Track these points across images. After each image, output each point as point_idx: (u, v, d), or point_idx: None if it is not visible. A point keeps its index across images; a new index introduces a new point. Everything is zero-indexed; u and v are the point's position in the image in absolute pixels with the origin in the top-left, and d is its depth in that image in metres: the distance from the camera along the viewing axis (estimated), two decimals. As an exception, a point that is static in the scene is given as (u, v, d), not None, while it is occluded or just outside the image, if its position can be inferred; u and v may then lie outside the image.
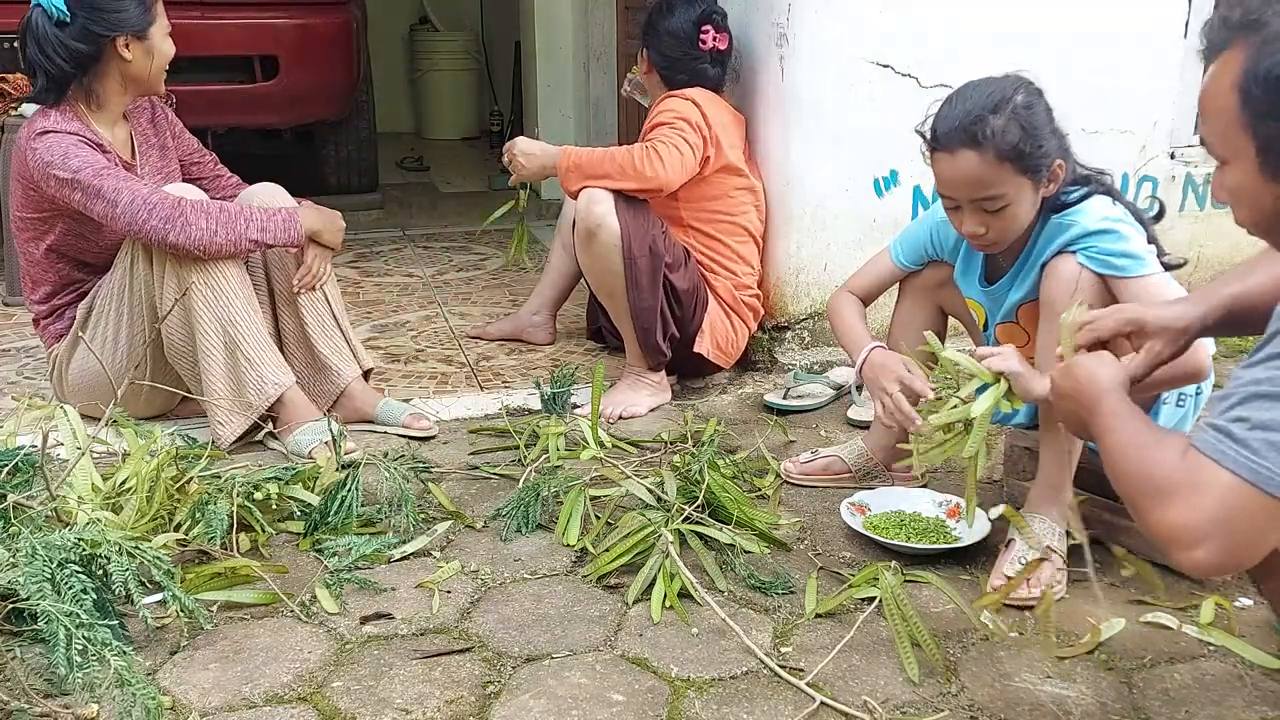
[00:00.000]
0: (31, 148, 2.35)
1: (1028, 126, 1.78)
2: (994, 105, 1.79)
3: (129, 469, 2.00)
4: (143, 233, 2.30)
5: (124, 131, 2.54)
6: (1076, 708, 1.57)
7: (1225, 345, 2.98)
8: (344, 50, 4.33)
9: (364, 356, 2.66)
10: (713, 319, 2.78)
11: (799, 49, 2.83)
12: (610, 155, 2.63)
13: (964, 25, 2.88)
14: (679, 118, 2.67)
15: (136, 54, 2.40)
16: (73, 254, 2.51)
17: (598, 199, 2.59)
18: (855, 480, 2.28)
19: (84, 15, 2.34)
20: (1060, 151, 1.84)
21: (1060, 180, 1.85)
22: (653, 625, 1.77)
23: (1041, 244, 1.90)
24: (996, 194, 1.80)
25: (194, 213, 2.30)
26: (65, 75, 2.38)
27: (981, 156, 1.78)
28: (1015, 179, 1.80)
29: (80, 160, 2.32)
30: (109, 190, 2.30)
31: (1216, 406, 1.18)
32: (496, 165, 6.29)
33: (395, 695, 1.60)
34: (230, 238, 2.33)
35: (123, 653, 1.49)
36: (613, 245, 2.59)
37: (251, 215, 2.37)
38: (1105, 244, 1.81)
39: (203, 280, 2.34)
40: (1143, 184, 3.20)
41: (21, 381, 2.90)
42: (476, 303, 3.66)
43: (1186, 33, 3.12)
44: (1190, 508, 1.14)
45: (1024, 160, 1.79)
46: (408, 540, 2.02)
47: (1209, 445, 1.15)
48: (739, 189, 2.80)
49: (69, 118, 2.39)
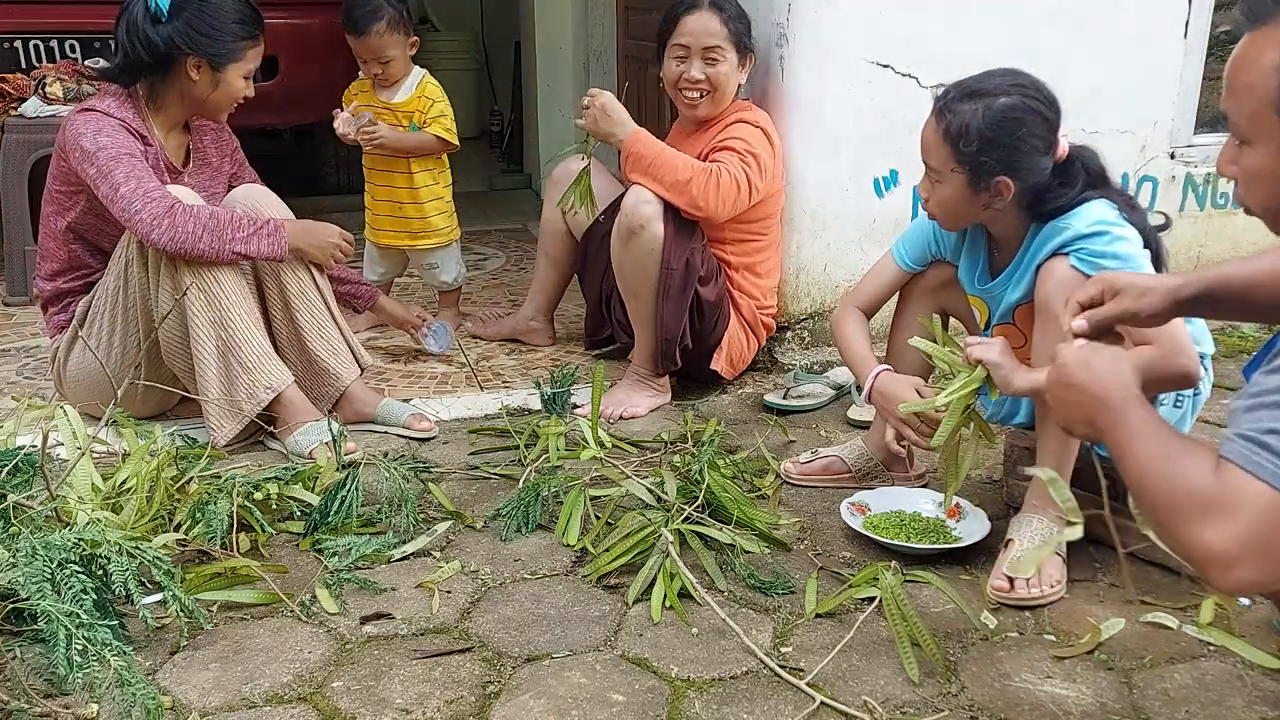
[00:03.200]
0: (72, 119, 2.40)
1: (992, 128, 1.81)
2: (975, 93, 1.83)
3: (129, 469, 2.00)
4: (131, 224, 2.31)
5: (182, 139, 2.58)
6: (1076, 708, 1.57)
7: (1225, 345, 2.99)
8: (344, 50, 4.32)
9: (363, 355, 2.66)
10: (731, 336, 2.77)
11: (799, 49, 2.83)
12: (673, 165, 2.57)
13: (964, 25, 2.88)
14: (751, 152, 2.62)
15: (204, 79, 2.44)
16: (90, 236, 2.52)
17: (648, 200, 2.56)
18: (855, 480, 2.28)
19: (178, 23, 2.39)
20: (1016, 169, 1.84)
21: (1005, 195, 1.86)
22: (653, 625, 1.77)
23: (1036, 247, 1.91)
24: (935, 167, 1.89)
25: (183, 216, 2.30)
26: (139, 65, 2.42)
27: (935, 123, 1.87)
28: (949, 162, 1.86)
29: (108, 140, 2.35)
30: (119, 173, 2.32)
31: (1240, 415, 1.12)
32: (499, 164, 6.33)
33: (395, 695, 1.60)
34: (214, 246, 2.33)
35: (123, 653, 1.49)
36: (651, 250, 2.57)
37: (239, 226, 2.36)
38: (1096, 245, 1.81)
39: (197, 283, 2.34)
40: (1143, 184, 3.20)
41: (21, 381, 2.90)
42: (477, 302, 3.66)
43: (1186, 33, 3.12)
44: (1227, 526, 1.07)
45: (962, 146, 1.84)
46: (408, 540, 2.02)
47: (1243, 458, 1.08)
48: (774, 205, 2.80)
49: (124, 105, 2.43)
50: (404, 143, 3.15)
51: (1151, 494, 1.16)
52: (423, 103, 3.18)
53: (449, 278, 3.35)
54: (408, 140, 3.15)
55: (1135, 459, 1.19)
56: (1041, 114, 1.83)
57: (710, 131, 2.74)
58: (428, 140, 3.17)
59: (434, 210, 3.26)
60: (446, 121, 3.19)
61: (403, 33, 3.12)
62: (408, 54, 3.17)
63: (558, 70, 5.02)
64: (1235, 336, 3.11)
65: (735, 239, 2.75)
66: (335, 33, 4.28)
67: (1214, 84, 3.29)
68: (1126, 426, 1.22)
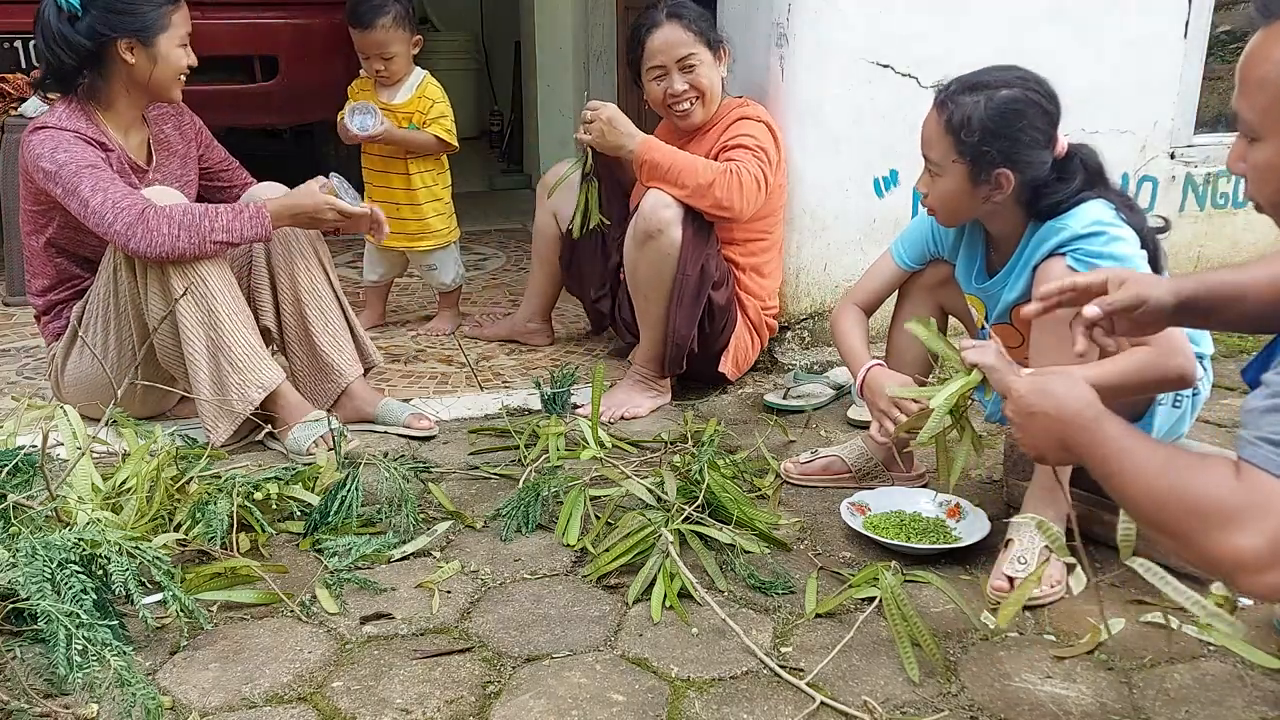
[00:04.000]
0: (28, 140, 2.36)
1: (994, 119, 1.81)
2: (977, 86, 1.84)
3: (129, 469, 2.00)
4: (108, 236, 2.29)
5: (141, 135, 2.54)
6: (1076, 708, 1.57)
7: (1225, 345, 2.98)
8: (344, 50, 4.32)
9: (371, 353, 2.67)
10: (738, 337, 2.77)
11: (799, 49, 2.83)
12: (693, 168, 2.55)
13: (964, 25, 2.88)
14: (761, 147, 2.62)
15: (140, 59, 2.39)
16: (71, 248, 2.51)
17: (667, 204, 2.55)
18: (855, 480, 2.28)
19: (94, 12, 2.34)
20: (1017, 163, 1.84)
21: (1005, 188, 1.86)
22: (653, 625, 1.77)
23: (1033, 246, 1.91)
24: (935, 160, 1.90)
25: (156, 218, 2.27)
26: (67, 69, 2.38)
27: (937, 115, 1.88)
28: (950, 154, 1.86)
29: (66, 155, 2.31)
30: (85, 189, 2.29)
31: (1259, 416, 1.11)
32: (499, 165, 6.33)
33: (395, 695, 1.59)
34: (194, 241, 2.30)
35: (123, 653, 1.49)
36: (668, 255, 2.56)
37: (218, 216, 2.34)
38: (1093, 245, 1.81)
39: (184, 285, 2.32)
40: (1143, 184, 3.21)
41: (21, 381, 2.90)
42: (477, 303, 3.66)
43: (1187, 33, 3.12)
44: (1259, 530, 1.06)
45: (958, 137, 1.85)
46: (408, 540, 2.02)
47: (1269, 462, 1.07)
48: (778, 201, 2.80)
49: (76, 115, 2.39)
50: (406, 140, 3.15)
51: (1161, 507, 1.14)
52: (423, 103, 3.18)
53: (448, 279, 3.35)
54: (408, 137, 3.15)
55: (1131, 475, 1.18)
56: (1042, 107, 1.84)
57: (712, 132, 2.74)
58: (427, 140, 3.17)
59: (432, 212, 3.26)
60: (446, 123, 3.19)
61: (407, 29, 3.13)
62: (410, 52, 3.17)
63: (558, 70, 5.02)
64: (1235, 336, 3.10)
65: (743, 239, 2.75)
66: (335, 33, 4.30)
67: (1214, 84, 3.30)
68: (1105, 444, 1.22)
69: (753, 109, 2.73)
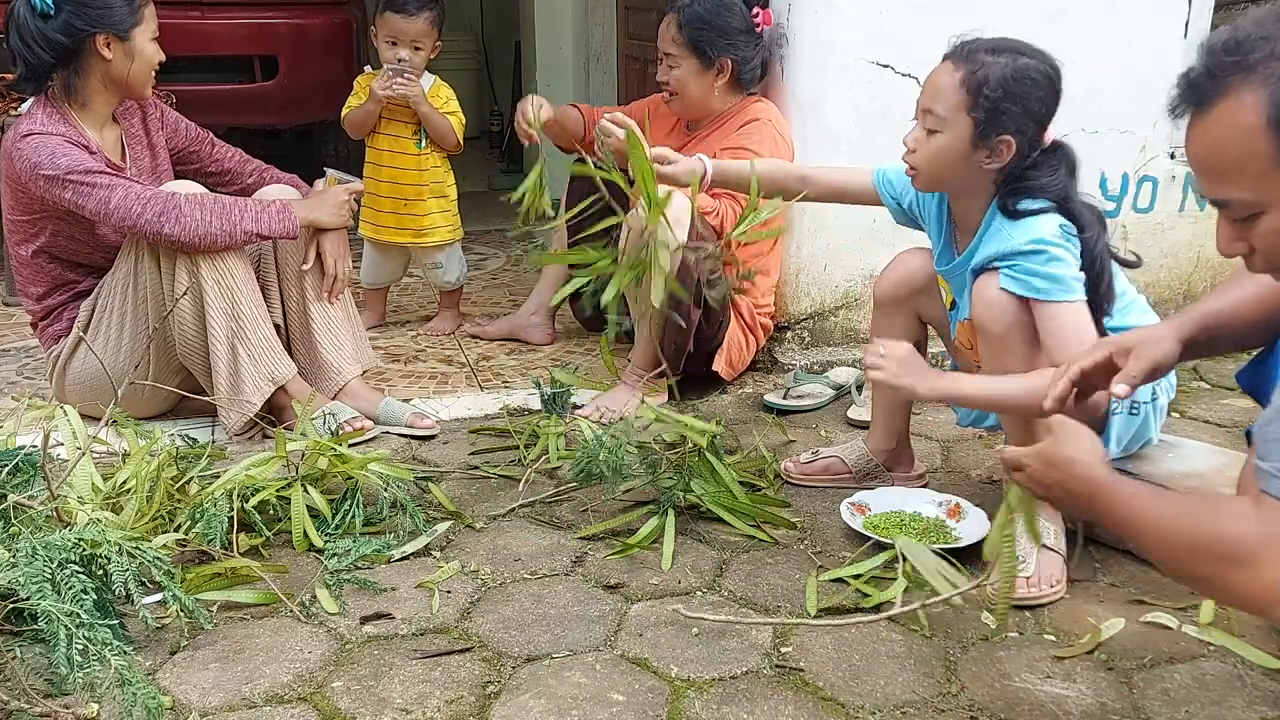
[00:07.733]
0: (17, 149, 2.33)
1: (1017, 82, 1.82)
2: (998, 49, 1.86)
3: (129, 469, 2.00)
4: (136, 227, 2.30)
5: (114, 134, 2.54)
6: (1076, 708, 1.57)
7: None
8: (344, 50, 4.33)
9: (369, 354, 2.67)
10: (731, 337, 2.77)
11: (799, 49, 2.83)
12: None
13: (964, 26, 2.87)
14: (774, 154, 2.67)
15: (117, 54, 2.39)
16: (64, 255, 2.50)
17: (680, 206, 2.52)
18: (855, 480, 2.28)
19: (68, 9, 2.33)
20: (1021, 133, 1.83)
21: (1004, 156, 1.84)
22: (653, 625, 1.77)
23: (985, 240, 1.90)
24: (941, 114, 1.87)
25: (188, 205, 2.30)
26: (43, 67, 2.37)
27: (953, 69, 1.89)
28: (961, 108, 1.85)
29: (68, 159, 2.31)
30: (101, 187, 2.30)
31: (1275, 445, 1.10)
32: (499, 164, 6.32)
33: (395, 695, 1.59)
34: (225, 228, 2.33)
35: (123, 653, 1.49)
36: None
37: (246, 207, 2.37)
38: (1031, 263, 1.80)
39: (212, 275, 2.35)
40: (1143, 184, 3.20)
41: (21, 381, 2.90)
42: (477, 303, 3.66)
43: (1187, 33, 3.12)
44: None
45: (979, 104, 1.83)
46: (408, 540, 2.02)
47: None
48: None
49: (55, 119, 2.38)
50: (430, 116, 3.15)
51: (1184, 553, 1.15)
52: (436, 102, 3.18)
53: (452, 277, 3.35)
54: (434, 114, 3.15)
55: (1148, 527, 1.19)
56: (1055, 87, 1.85)
57: (718, 132, 2.78)
58: (446, 125, 3.17)
59: (437, 208, 3.26)
60: (457, 122, 3.20)
61: (439, 30, 3.16)
62: (431, 55, 3.18)
63: (558, 70, 5.02)
64: (1212, 357, 3.09)
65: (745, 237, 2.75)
66: (335, 33, 4.31)
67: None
68: (1119, 507, 1.24)
69: (764, 110, 2.76)
